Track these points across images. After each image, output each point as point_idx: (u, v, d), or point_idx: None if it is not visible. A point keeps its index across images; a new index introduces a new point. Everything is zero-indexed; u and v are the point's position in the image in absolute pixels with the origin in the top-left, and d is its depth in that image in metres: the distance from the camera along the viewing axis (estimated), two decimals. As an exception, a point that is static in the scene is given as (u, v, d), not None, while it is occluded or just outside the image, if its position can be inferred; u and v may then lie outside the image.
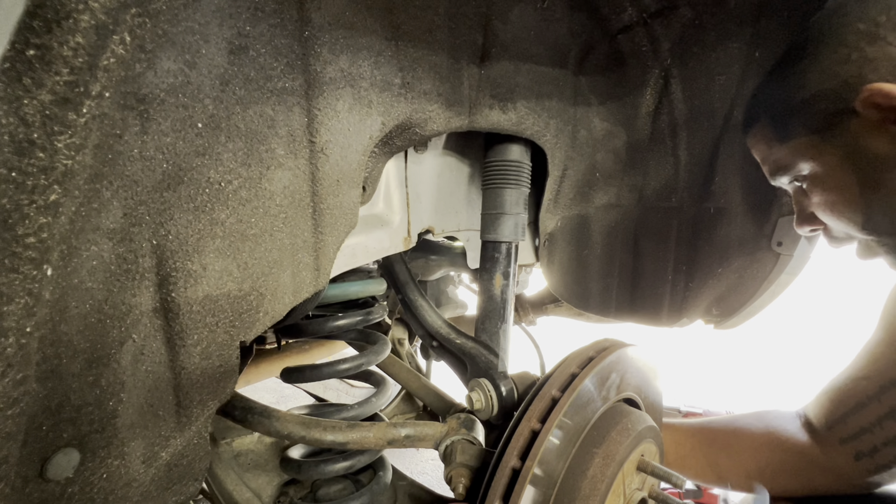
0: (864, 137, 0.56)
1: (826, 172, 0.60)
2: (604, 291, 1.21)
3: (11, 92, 0.36)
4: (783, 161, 0.65)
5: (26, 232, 0.39)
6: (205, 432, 0.61)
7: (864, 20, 0.54)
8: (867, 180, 0.57)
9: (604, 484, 0.68)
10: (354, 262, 0.84)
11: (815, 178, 0.62)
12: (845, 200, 0.60)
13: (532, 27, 0.88)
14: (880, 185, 0.56)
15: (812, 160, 0.61)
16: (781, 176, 0.66)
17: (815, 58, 0.58)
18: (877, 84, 0.52)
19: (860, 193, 0.58)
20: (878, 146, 0.55)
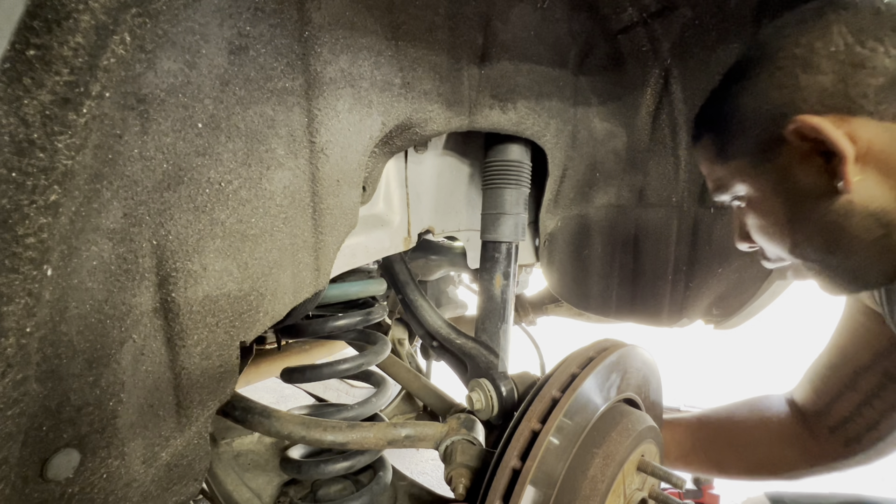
0: (792, 167, 0.55)
1: (759, 197, 0.61)
2: (604, 291, 1.21)
3: (11, 92, 0.36)
4: (722, 180, 0.65)
5: (26, 232, 0.39)
6: (205, 432, 0.61)
7: (801, 45, 0.53)
8: (794, 209, 0.57)
9: (604, 484, 0.68)
10: (354, 262, 0.84)
11: (749, 200, 0.63)
12: (775, 225, 0.60)
13: (532, 27, 0.88)
14: (805, 216, 0.56)
15: (747, 183, 0.61)
16: (721, 194, 0.66)
17: (754, 80, 0.57)
18: (804, 116, 0.51)
19: (787, 222, 0.58)
20: (805, 177, 0.55)
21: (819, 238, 0.57)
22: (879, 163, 0.51)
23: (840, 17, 0.52)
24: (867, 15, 0.51)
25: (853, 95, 0.50)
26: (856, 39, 0.50)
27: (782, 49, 0.54)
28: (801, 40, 0.53)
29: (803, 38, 0.53)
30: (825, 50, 0.51)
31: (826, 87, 0.51)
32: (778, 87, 0.54)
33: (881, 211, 0.52)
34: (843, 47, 0.50)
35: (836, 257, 0.57)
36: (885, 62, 0.49)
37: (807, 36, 0.53)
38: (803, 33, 0.53)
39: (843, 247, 0.55)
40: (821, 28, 0.52)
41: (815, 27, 0.53)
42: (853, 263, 0.57)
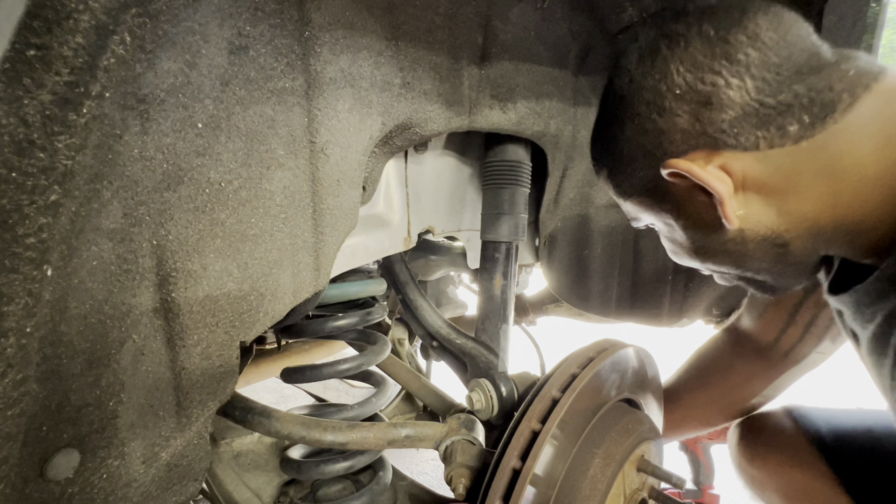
0: (683, 203, 0.56)
1: (665, 228, 0.62)
2: (604, 291, 1.21)
3: (11, 92, 0.36)
4: (630, 213, 0.65)
5: (26, 232, 0.39)
6: (205, 432, 0.61)
7: (648, 89, 0.52)
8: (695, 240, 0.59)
9: (604, 484, 0.68)
10: (354, 262, 0.84)
11: (659, 230, 0.64)
12: (684, 251, 0.62)
13: (532, 27, 0.87)
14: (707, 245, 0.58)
15: (650, 216, 0.62)
16: (635, 223, 0.68)
17: (621, 126, 0.56)
18: (673, 161, 0.52)
19: (693, 250, 0.60)
20: (696, 212, 0.56)
21: (727, 261, 0.58)
22: (758, 189, 0.51)
23: (674, 53, 0.50)
24: (698, 45, 0.49)
25: (711, 132, 0.50)
26: (695, 77, 0.49)
27: (634, 94, 0.53)
28: (647, 84, 0.52)
29: (647, 81, 0.52)
30: (671, 93, 0.50)
31: (685, 128, 0.51)
32: (643, 132, 0.54)
33: (772, 234, 0.53)
34: (686, 87, 0.50)
35: (749, 273, 0.59)
36: (729, 94, 0.49)
37: (650, 79, 0.52)
38: (646, 76, 0.52)
39: (751, 267, 0.57)
40: (660, 69, 0.51)
41: (654, 68, 0.52)
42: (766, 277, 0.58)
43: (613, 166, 0.61)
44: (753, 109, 0.48)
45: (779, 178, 0.50)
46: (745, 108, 0.49)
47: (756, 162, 0.50)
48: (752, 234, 0.54)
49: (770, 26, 0.48)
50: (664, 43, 0.51)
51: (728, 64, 0.48)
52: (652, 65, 0.52)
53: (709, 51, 0.49)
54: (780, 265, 0.56)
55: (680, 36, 0.50)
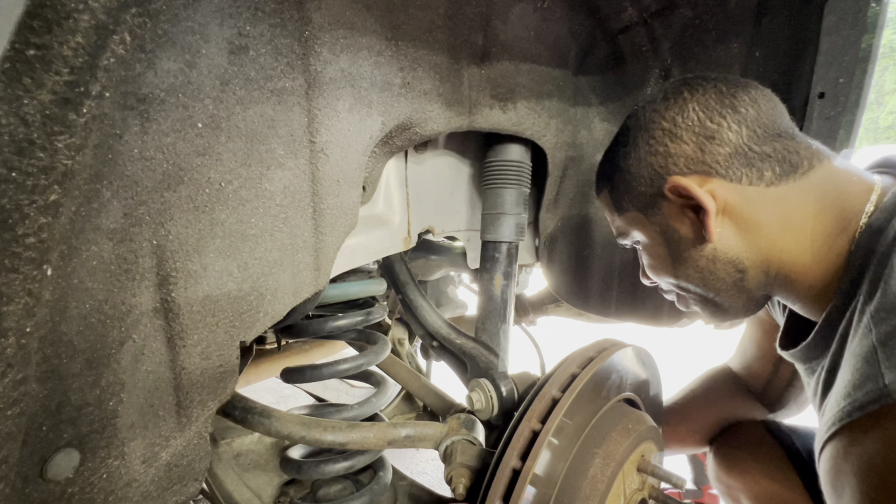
0: (671, 219, 0.67)
1: (649, 243, 0.72)
2: (604, 291, 1.21)
3: (11, 92, 0.36)
4: (621, 228, 0.76)
5: (26, 232, 0.39)
6: (205, 432, 0.61)
7: (667, 119, 0.64)
8: (675, 254, 0.68)
9: (604, 484, 0.68)
10: (354, 262, 0.84)
11: (642, 245, 0.74)
12: (662, 266, 0.72)
13: (532, 27, 0.88)
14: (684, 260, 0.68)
15: (639, 231, 0.72)
16: (623, 240, 0.77)
17: (634, 146, 0.68)
18: (676, 177, 0.62)
19: (671, 264, 0.70)
20: (681, 228, 0.66)
21: (696, 278, 0.68)
22: (734, 217, 0.62)
23: (693, 96, 0.63)
24: (712, 95, 0.63)
25: (709, 161, 0.62)
26: (706, 116, 0.62)
27: (653, 122, 0.66)
28: (667, 115, 0.64)
29: (668, 112, 0.64)
30: (684, 124, 0.63)
31: (689, 154, 0.63)
32: (654, 153, 0.65)
33: (737, 258, 0.63)
34: (697, 122, 0.62)
35: (710, 293, 0.68)
36: (728, 135, 0.61)
37: (670, 111, 0.64)
38: (668, 109, 0.65)
39: (713, 286, 0.67)
40: (679, 105, 0.64)
41: (675, 104, 0.64)
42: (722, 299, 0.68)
43: (617, 182, 0.72)
44: (743, 151, 0.61)
45: (749, 211, 0.61)
46: (738, 148, 0.61)
47: (736, 193, 0.61)
48: (721, 254, 0.64)
49: (763, 99, 0.63)
50: (686, 88, 0.65)
51: (732, 112, 0.61)
52: (674, 102, 0.64)
53: (719, 100, 0.62)
54: (735, 290, 0.66)
55: (699, 86, 0.64)
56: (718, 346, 3.37)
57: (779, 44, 0.89)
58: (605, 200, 0.77)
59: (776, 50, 0.89)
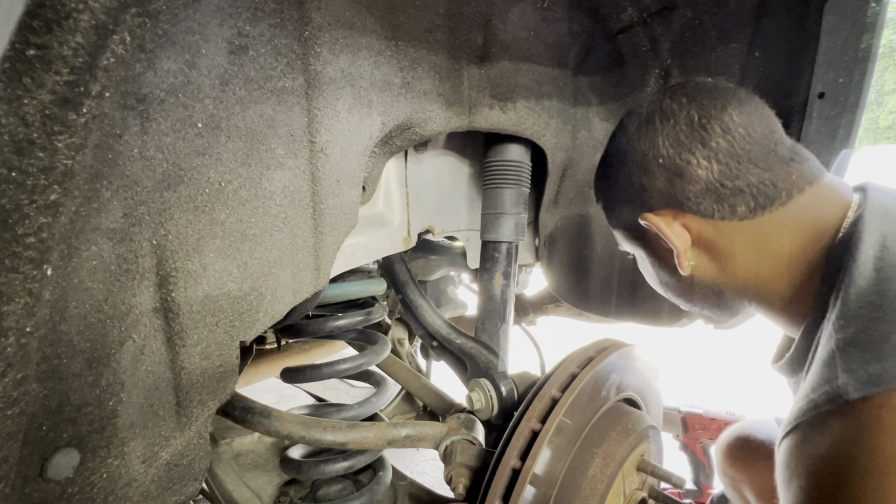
0: (653, 244, 0.69)
1: (639, 259, 0.75)
2: (604, 291, 1.21)
3: (11, 92, 0.36)
4: (618, 240, 0.78)
5: (26, 232, 0.39)
6: (205, 432, 0.61)
7: (638, 152, 0.64)
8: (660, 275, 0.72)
9: (603, 484, 0.68)
10: (354, 262, 0.84)
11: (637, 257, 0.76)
12: (652, 281, 0.75)
13: (532, 27, 0.88)
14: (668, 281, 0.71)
15: (630, 246, 0.75)
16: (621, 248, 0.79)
17: (615, 173, 0.69)
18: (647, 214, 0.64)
19: (658, 283, 0.74)
20: (662, 254, 0.68)
21: (680, 296, 0.72)
22: (707, 248, 0.63)
23: (664, 127, 0.62)
24: (683, 127, 0.61)
25: (680, 197, 0.61)
26: (675, 152, 0.61)
27: (629, 153, 0.66)
28: (639, 147, 0.64)
29: (640, 145, 0.64)
30: (654, 160, 0.62)
31: (660, 189, 0.63)
32: (630, 183, 0.66)
33: (713, 283, 0.65)
34: (667, 158, 0.61)
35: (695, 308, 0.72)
36: (698, 172, 0.60)
37: (642, 144, 0.64)
38: (640, 140, 0.64)
39: (696, 304, 0.70)
40: (650, 137, 0.63)
41: (646, 135, 0.64)
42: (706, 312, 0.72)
43: (606, 200, 0.74)
44: (714, 188, 0.60)
45: (723, 243, 0.62)
46: (708, 185, 0.60)
47: (709, 227, 0.62)
48: (698, 280, 0.66)
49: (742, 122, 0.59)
50: (659, 117, 0.63)
51: (701, 148, 0.60)
52: (646, 132, 0.64)
53: (689, 134, 0.60)
54: (716, 307, 0.69)
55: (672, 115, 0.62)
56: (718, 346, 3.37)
57: (779, 44, 0.89)
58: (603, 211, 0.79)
59: (776, 50, 0.89)
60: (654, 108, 0.65)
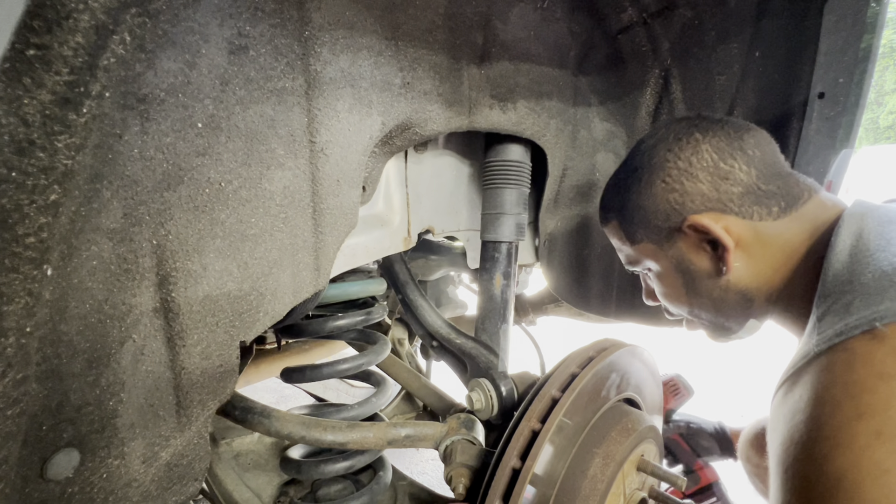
0: (687, 252, 0.71)
1: (663, 273, 0.76)
2: (604, 291, 1.21)
3: (11, 92, 0.36)
4: (633, 258, 0.80)
5: (26, 232, 0.39)
6: (205, 432, 0.61)
7: (682, 159, 0.68)
8: (689, 285, 0.73)
9: (603, 484, 0.68)
10: (354, 262, 0.84)
11: (656, 274, 0.77)
12: (675, 295, 0.76)
13: (532, 27, 0.88)
14: (698, 290, 0.72)
15: (653, 261, 0.76)
16: (632, 267, 0.82)
17: (649, 184, 0.71)
18: (695, 216, 0.66)
19: (685, 294, 0.74)
20: (697, 261, 0.70)
21: (708, 306, 0.73)
22: (746, 250, 0.66)
23: (705, 137, 0.68)
24: (723, 137, 0.67)
25: (724, 200, 0.66)
26: (719, 157, 0.67)
27: (668, 161, 0.69)
28: (682, 155, 0.68)
29: (683, 153, 0.68)
30: (699, 164, 0.67)
31: (704, 193, 0.67)
32: (671, 191, 0.69)
33: (746, 289, 0.68)
34: (712, 163, 0.67)
35: (720, 319, 0.74)
36: (740, 176, 0.66)
37: (685, 152, 0.68)
38: (682, 149, 0.69)
39: (724, 313, 0.72)
40: (692, 146, 0.68)
41: (688, 145, 0.68)
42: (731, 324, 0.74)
43: (629, 215, 0.75)
44: (754, 190, 0.66)
45: (759, 245, 0.66)
46: (748, 187, 0.66)
47: (748, 229, 0.66)
48: (733, 285, 0.68)
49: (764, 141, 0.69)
50: (697, 130, 0.69)
51: (741, 154, 0.66)
52: (687, 143, 0.69)
53: (729, 143, 0.67)
54: (742, 316, 0.72)
55: (710, 129, 0.69)
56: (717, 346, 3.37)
57: (779, 44, 0.89)
58: (614, 231, 0.80)
59: (776, 50, 0.89)
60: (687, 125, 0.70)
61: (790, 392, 0.51)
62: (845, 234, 0.57)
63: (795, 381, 0.51)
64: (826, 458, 0.42)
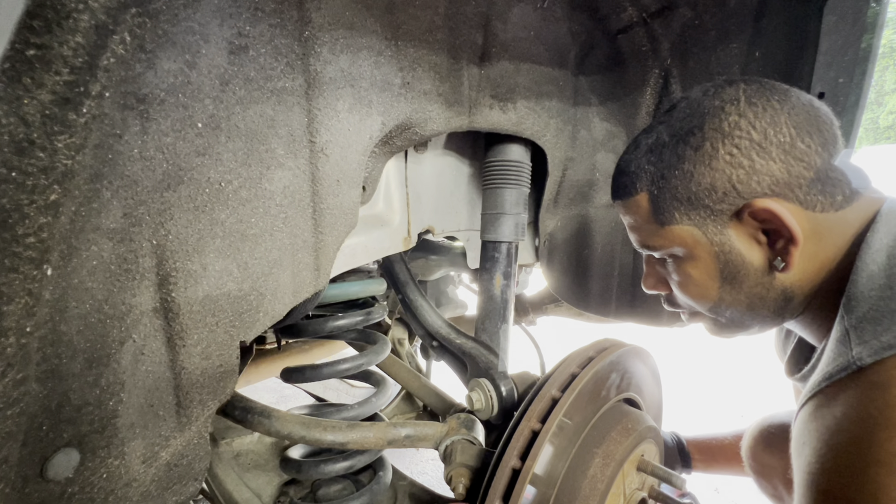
0: (738, 241, 0.60)
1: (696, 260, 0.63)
2: (604, 291, 1.21)
3: (11, 92, 0.36)
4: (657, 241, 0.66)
5: (26, 232, 0.39)
6: (205, 432, 0.61)
7: (757, 129, 0.56)
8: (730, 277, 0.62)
9: (603, 484, 0.68)
10: (354, 262, 0.84)
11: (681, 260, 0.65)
12: (704, 286, 0.64)
13: (532, 27, 0.88)
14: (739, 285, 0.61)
15: (686, 247, 0.63)
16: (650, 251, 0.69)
17: (709, 154, 0.58)
18: (765, 201, 0.55)
19: (720, 286, 0.63)
20: (747, 252, 0.59)
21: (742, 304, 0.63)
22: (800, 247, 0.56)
23: (784, 108, 0.56)
24: (801, 112, 0.56)
25: (792, 185, 0.56)
26: (797, 134, 0.55)
27: (740, 128, 0.57)
28: (757, 125, 0.56)
29: (758, 121, 0.56)
30: (776, 139, 0.55)
31: (775, 174, 0.56)
32: (736, 165, 0.57)
33: (790, 287, 0.59)
34: (789, 140, 0.55)
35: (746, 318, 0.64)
36: (815, 159, 0.55)
37: (761, 121, 0.56)
38: (758, 117, 0.56)
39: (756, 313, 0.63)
40: (770, 116, 0.56)
41: (765, 113, 0.56)
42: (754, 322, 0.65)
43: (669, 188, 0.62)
44: (823, 176, 0.56)
45: (813, 239, 0.57)
46: (819, 173, 0.56)
47: (808, 221, 0.56)
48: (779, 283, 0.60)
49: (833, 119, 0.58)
50: (775, 98, 0.57)
51: (818, 134, 0.56)
52: (763, 111, 0.56)
53: (807, 119, 0.56)
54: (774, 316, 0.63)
55: (787, 98, 0.57)
56: (717, 345, 3.38)
57: (779, 44, 0.89)
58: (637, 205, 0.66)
59: (776, 50, 0.89)
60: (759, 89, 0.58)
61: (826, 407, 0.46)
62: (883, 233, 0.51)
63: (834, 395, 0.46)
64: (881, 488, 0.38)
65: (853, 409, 0.43)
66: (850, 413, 0.43)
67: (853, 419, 0.42)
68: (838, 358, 0.47)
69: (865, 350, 0.44)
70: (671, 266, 0.67)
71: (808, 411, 0.49)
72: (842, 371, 0.46)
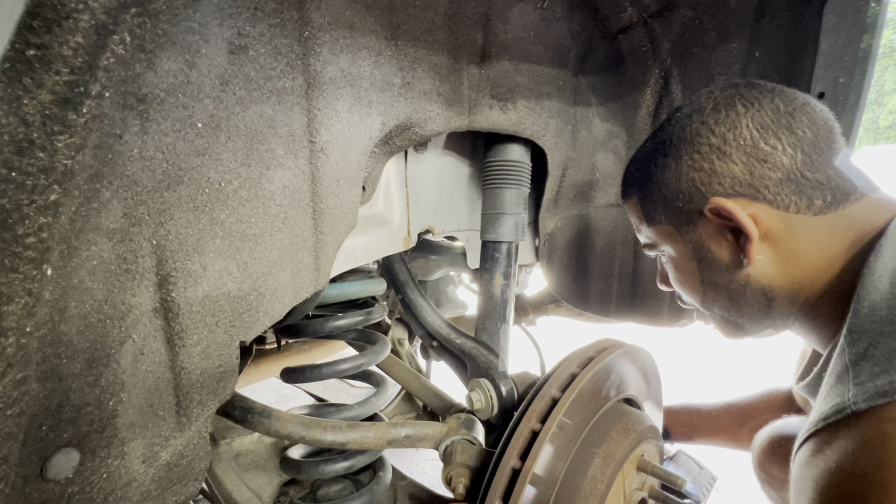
0: (706, 239, 0.64)
1: (678, 258, 0.69)
2: (604, 291, 1.21)
3: (11, 92, 0.36)
4: (650, 239, 0.73)
5: (26, 232, 0.39)
6: (205, 432, 0.61)
7: (716, 134, 0.60)
8: (706, 274, 0.66)
9: (603, 484, 0.68)
10: (354, 262, 0.84)
11: (670, 258, 0.71)
12: (689, 283, 0.69)
13: (532, 27, 0.88)
14: (715, 281, 0.65)
15: (669, 245, 0.69)
16: (648, 250, 0.75)
17: (676, 158, 0.63)
18: (720, 199, 0.59)
19: (700, 283, 0.68)
20: (717, 249, 0.63)
21: (724, 299, 0.66)
22: (773, 245, 0.59)
23: (747, 111, 0.59)
24: (768, 112, 0.58)
25: (757, 185, 0.58)
26: (760, 135, 0.58)
27: (700, 135, 0.61)
28: (716, 130, 0.60)
29: (717, 127, 0.60)
30: (735, 142, 0.58)
31: (736, 175, 0.59)
32: (697, 169, 0.61)
33: (769, 287, 0.61)
34: (750, 142, 0.58)
35: (733, 315, 0.67)
36: (782, 159, 0.57)
37: (720, 126, 0.60)
38: (718, 122, 0.60)
39: (739, 309, 0.66)
40: (732, 120, 0.59)
41: (727, 118, 0.60)
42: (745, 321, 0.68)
43: (650, 192, 0.68)
44: (796, 177, 0.57)
45: (791, 240, 0.58)
46: (790, 173, 0.57)
47: (780, 221, 0.58)
48: (754, 281, 0.62)
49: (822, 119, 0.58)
50: (741, 102, 0.60)
51: (788, 134, 0.57)
52: (725, 116, 0.60)
53: (776, 119, 0.58)
54: (760, 315, 0.65)
55: (755, 100, 0.59)
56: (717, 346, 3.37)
57: (779, 44, 0.89)
58: (633, 207, 0.73)
59: (776, 50, 0.89)
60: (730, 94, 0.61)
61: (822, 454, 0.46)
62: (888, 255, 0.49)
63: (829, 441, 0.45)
64: None
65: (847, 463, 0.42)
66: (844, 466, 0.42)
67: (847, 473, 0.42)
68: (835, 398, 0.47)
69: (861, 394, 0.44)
70: (666, 264, 0.73)
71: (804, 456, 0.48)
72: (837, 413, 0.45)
